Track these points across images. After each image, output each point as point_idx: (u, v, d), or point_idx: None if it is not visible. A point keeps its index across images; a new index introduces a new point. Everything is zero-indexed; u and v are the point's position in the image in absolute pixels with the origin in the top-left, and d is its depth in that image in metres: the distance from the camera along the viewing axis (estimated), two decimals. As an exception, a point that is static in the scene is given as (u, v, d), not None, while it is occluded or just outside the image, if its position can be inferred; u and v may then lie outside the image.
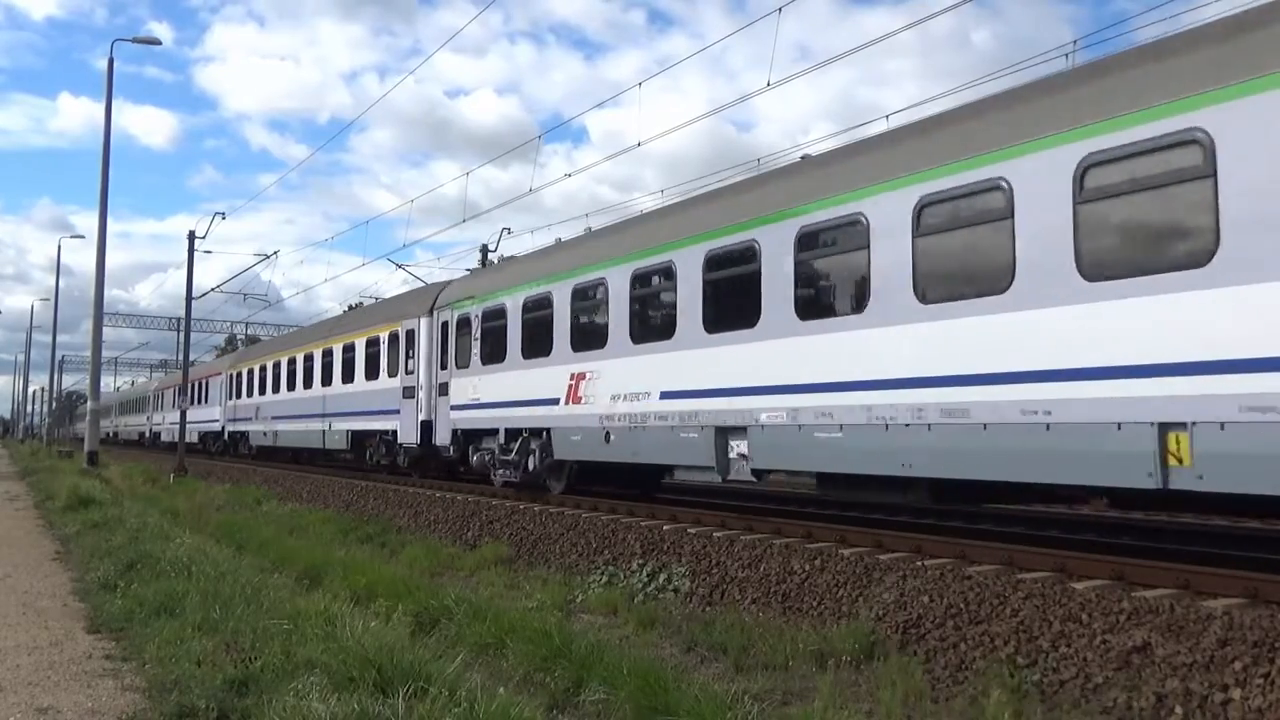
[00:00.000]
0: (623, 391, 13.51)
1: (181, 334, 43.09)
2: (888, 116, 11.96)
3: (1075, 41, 13.85)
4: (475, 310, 18.20)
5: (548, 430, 15.48)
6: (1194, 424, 7.14)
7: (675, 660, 7.72)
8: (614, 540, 11.90)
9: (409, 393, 20.73)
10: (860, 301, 9.95)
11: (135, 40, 32.58)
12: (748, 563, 9.89)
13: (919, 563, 8.74)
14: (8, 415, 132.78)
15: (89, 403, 30.63)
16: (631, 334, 13.49)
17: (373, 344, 23.26)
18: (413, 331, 20.91)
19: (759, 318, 11.18)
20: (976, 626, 7.35)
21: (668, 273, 12.88)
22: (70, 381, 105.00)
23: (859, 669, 7.23)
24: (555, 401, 15.07)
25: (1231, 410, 6.90)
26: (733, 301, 11.78)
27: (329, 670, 5.61)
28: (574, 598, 10.18)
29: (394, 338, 21.88)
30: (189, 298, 36.57)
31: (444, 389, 19.18)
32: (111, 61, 29.69)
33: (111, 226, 29.65)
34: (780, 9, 14.55)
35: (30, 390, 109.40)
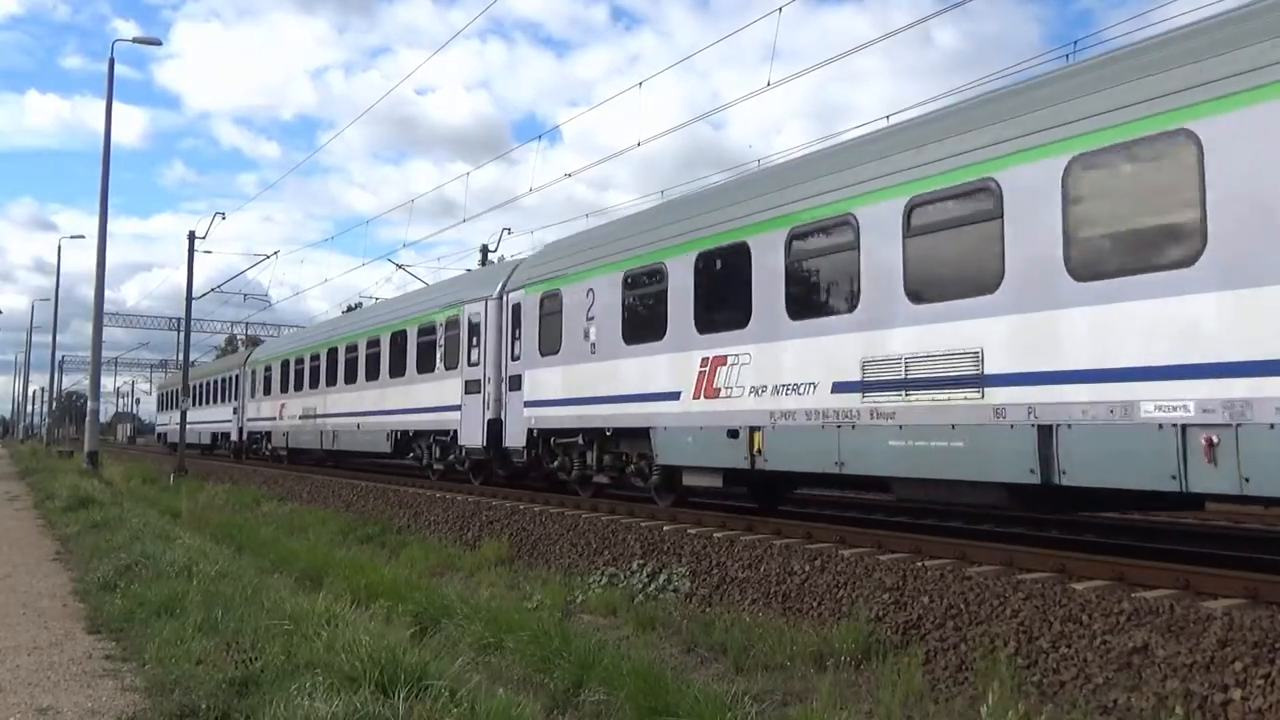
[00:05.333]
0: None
1: (181, 334, 43.16)
2: (888, 117, 11.92)
3: (1075, 42, 13.87)
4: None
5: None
6: None
7: (675, 660, 7.72)
8: (614, 540, 11.90)
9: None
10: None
11: (136, 40, 32.61)
12: (748, 563, 9.89)
13: (919, 563, 8.75)
14: (7, 415, 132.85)
15: (89, 403, 30.68)
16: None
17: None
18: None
19: None
20: (976, 627, 7.35)
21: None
22: (69, 382, 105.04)
23: (859, 669, 7.24)
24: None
25: None
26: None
27: (330, 670, 5.61)
28: (574, 598, 10.18)
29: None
30: (189, 297, 36.60)
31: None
32: (112, 62, 29.56)
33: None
34: (780, 9, 14.58)
35: (30, 390, 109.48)
